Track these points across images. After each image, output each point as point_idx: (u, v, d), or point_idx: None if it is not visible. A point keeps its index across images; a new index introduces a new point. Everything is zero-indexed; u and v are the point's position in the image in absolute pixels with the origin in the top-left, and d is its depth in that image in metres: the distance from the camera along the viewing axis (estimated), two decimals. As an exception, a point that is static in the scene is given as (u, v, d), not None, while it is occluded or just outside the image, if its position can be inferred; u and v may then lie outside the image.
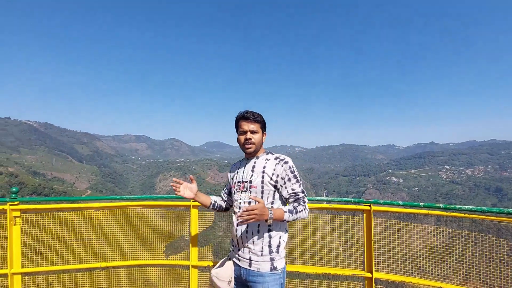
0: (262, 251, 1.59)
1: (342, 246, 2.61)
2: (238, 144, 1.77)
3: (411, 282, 2.31)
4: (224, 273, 1.62)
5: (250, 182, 1.68)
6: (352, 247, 2.53)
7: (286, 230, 1.74)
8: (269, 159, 1.72)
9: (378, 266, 2.40)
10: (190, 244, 2.54)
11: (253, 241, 1.60)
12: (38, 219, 2.48)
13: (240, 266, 1.65)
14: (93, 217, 2.60)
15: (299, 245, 2.56)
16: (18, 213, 2.39)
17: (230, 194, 1.93)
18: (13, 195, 2.41)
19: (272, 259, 1.60)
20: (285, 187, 1.66)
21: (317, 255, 2.56)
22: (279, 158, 1.73)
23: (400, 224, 2.47)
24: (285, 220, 1.55)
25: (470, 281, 2.22)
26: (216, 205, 1.95)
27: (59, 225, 2.54)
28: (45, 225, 2.50)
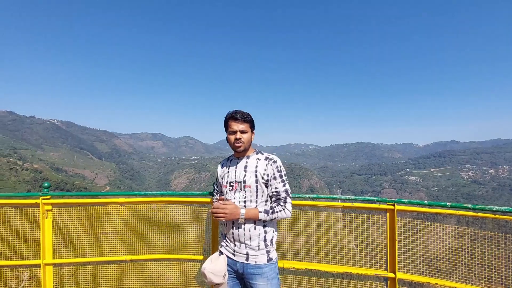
0: (258, 245, 1.70)
1: (357, 245, 2.59)
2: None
3: (437, 284, 2.24)
4: (220, 268, 1.69)
5: (244, 182, 1.74)
6: (371, 246, 2.51)
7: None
8: (260, 159, 1.79)
9: (400, 267, 2.35)
10: (211, 240, 2.59)
11: (250, 238, 1.69)
12: (66, 213, 2.63)
13: (236, 261, 1.73)
14: (115, 212, 2.72)
15: (315, 244, 2.58)
16: (49, 207, 2.54)
17: (219, 191, 1.98)
18: (45, 190, 2.57)
19: (268, 252, 1.72)
20: (270, 185, 1.74)
21: (332, 254, 2.55)
22: (268, 157, 1.80)
23: (418, 224, 2.42)
24: (261, 219, 1.68)
25: (492, 285, 2.15)
26: None
27: (86, 219, 2.69)
28: (73, 219, 2.65)
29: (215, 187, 2.05)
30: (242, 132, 1.76)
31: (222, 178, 1.88)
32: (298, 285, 2.57)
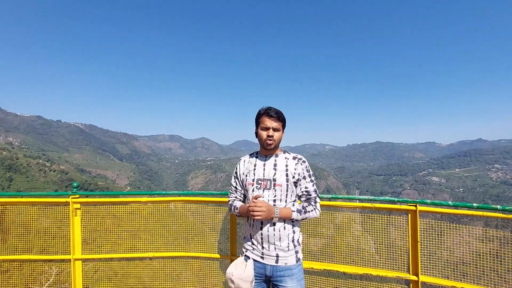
0: (288, 246, 1.67)
1: (376, 247, 2.52)
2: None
3: (463, 287, 2.15)
4: (249, 274, 1.63)
5: (274, 180, 1.70)
6: (391, 248, 2.43)
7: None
8: (288, 158, 1.77)
9: (423, 269, 2.27)
10: (230, 239, 2.64)
11: (280, 238, 1.66)
12: (92, 212, 2.77)
13: (264, 264, 1.67)
14: (136, 211, 2.82)
15: (333, 245, 2.55)
16: (78, 205, 2.69)
17: (238, 190, 1.89)
18: (74, 189, 2.72)
19: (296, 252, 1.71)
20: (299, 185, 1.74)
21: (350, 256, 2.51)
22: (297, 157, 1.79)
23: (442, 226, 2.33)
24: (293, 219, 1.67)
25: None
26: None
27: (110, 217, 2.82)
28: (99, 217, 2.79)
29: (234, 184, 1.92)
30: (275, 129, 1.72)
31: (246, 175, 1.80)
32: (315, 285, 2.56)
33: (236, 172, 1.91)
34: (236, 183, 1.90)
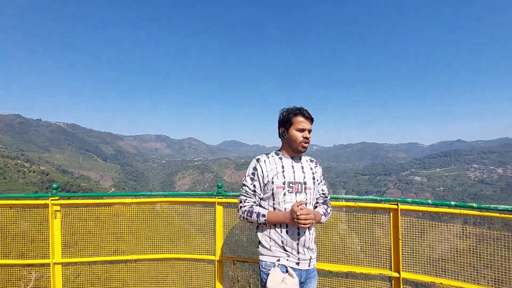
0: (315, 248, 1.71)
1: (361, 245, 2.59)
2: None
3: (441, 283, 2.24)
4: (296, 280, 1.53)
5: (305, 183, 1.65)
6: (375, 246, 2.50)
7: None
8: (307, 161, 1.77)
9: (404, 266, 2.35)
10: (216, 240, 2.63)
11: (311, 240, 1.66)
12: (73, 214, 2.67)
13: (300, 269, 1.60)
14: (120, 213, 2.75)
15: (319, 243, 2.58)
16: (58, 208, 2.59)
17: (257, 193, 1.68)
18: (54, 190, 2.62)
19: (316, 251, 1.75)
20: (318, 187, 1.76)
21: (336, 254, 2.56)
22: (313, 160, 1.80)
23: (424, 224, 2.41)
24: (321, 222, 1.72)
25: (503, 286, 2.12)
26: None
27: (93, 220, 2.73)
28: (80, 219, 2.70)
29: (252, 187, 1.67)
30: (309, 132, 1.68)
31: (272, 178, 1.62)
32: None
33: (255, 173, 1.67)
34: (256, 186, 1.66)
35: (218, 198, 2.64)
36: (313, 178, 1.70)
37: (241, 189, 1.71)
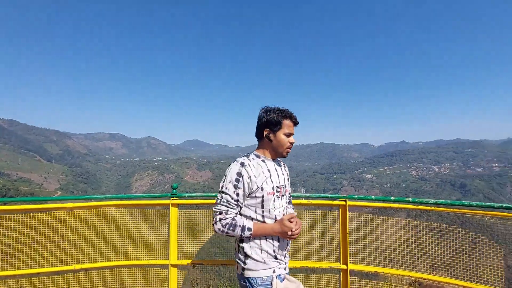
0: None
1: (319, 241, 2.73)
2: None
3: (383, 272, 2.49)
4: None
5: (285, 186, 1.62)
6: (328, 241, 2.66)
7: None
8: (281, 163, 1.74)
9: (353, 258, 2.54)
10: (170, 243, 2.53)
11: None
12: (8, 222, 2.34)
13: (286, 273, 1.57)
14: (65, 219, 2.50)
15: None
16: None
17: (240, 203, 1.49)
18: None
19: None
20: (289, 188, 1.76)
21: (297, 250, 2.65)
22: (281, 161, 1.76)
23: (373, 218, 2.62)
24: None
25: (436, 271, 2.40)
26: None
27: (33, 227, 2.42)
28: (18, 228, 2.37)
29: (235, 196, 1.44)
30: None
31: (262, 183, 1.47)
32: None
33: (240, 180, 1.44)
34: (239, 195, 1.45)
35: (172, 199, 2.55)
36: (288, 180, 1.70)
37: (219, 198, 1.47)
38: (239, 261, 1.49)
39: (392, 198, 2.51)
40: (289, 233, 1.42)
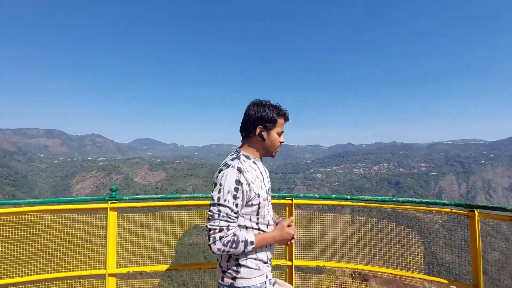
0: None
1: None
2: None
3: (324, 265, 2.67)
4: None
5: (270, 187, 1.52)
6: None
7: None
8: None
9: (302, 255, 2.66)
10: (107, 251, 2.30)
11: None
12: None
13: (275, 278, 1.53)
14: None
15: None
16: None
17: (239, 214, 1.33)
18: None
19: None
20: None
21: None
22: None
23: (321, 215, 2.79)
24: None
25: (374, 261, 2.66)
26: None
27: None
28: None
29: (235, 207, 1.26)
30: None
31: (258, 189, 1.34)
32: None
33: (239, 189, 1.26)
34: (238, 205, 1.27)
35: (111, 203, 2.32)
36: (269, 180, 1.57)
37: (216, 212, 1.23)
38: (228, 271, 1.33)
39: (333, 195, 2.69)
40: (292, 240, 1.41)
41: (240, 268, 1.32)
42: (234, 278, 1.32)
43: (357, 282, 2.80)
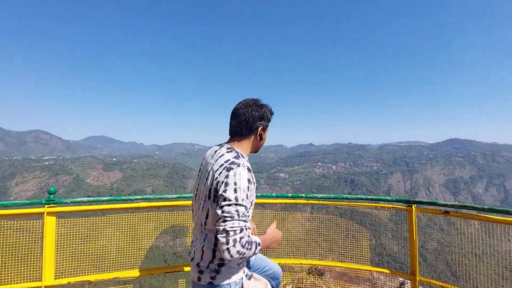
0: None
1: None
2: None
3: (280, 263, 2.74)
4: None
5: None
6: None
7: None
8: None
9: (263, 253, 2.70)
10: (44, 260, 2.06)
11: None
12: None
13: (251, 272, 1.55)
14: None
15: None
16: None
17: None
18: None
19: None
20: None
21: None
22: None
23: (284, 214, 2.87)
24: None
25: (330, 255, 2.82)
26: None
27: None
28: None
29: (248, 205, 1.24)
30: None
31: (254, 192, 1.36)
32: None
33: (250, 188, 1.27)
34: (249, 204, 1.27)
35: (48, 207, 2.07)
36: None
37: (234, 212, 1.16)
38: (207, 270, 1.31)
39: (289, 194, 2.77)
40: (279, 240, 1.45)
41: (222, 268, 1.31)
42: (213, 277, 1.30)
43: (314, 277, 2.96)
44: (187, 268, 2.38)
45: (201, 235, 1.35)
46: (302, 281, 2.91)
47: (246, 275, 1.41)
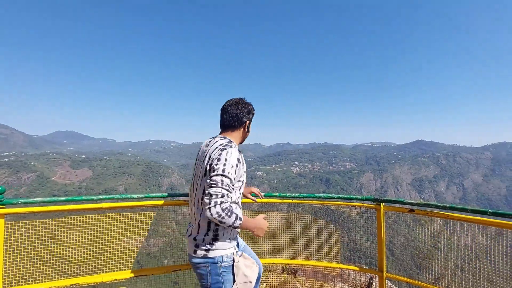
0: None
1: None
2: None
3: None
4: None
5: None
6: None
7: None
8: None
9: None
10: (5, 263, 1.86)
11: None
12: None
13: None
14: None
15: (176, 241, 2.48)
16: None
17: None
18: None
19: None
20: None
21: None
22: None
23: (260, 213, 2.86)
24: None
25: (304, 252, 2.87)
26: None
27: None
28: None
29: (232, 179, 1.48)
30: None
31: (245, 171, 1.70)
32: None
33: (238, 166, 1.55)
34: (234, 179, 1.52)
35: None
36: None
37: (219, 181, 1.42)
38: (203, 243, 1.52)
39: (263, 193, 2.78)
40: (264, 232, 1.61)
41: (216, 242, 1.53)
42: (207, 250, 1.51)
43: (287, 275, 3.00)
44: (161, 270, 2.29)
45: (197, 211, 1.56)
46: (276, 279, 2.94)
47: (236, 252, 1.61)
